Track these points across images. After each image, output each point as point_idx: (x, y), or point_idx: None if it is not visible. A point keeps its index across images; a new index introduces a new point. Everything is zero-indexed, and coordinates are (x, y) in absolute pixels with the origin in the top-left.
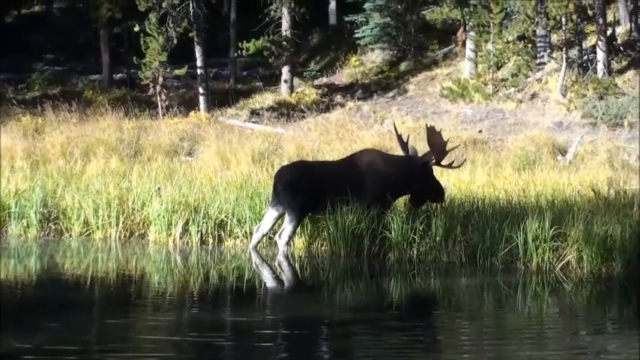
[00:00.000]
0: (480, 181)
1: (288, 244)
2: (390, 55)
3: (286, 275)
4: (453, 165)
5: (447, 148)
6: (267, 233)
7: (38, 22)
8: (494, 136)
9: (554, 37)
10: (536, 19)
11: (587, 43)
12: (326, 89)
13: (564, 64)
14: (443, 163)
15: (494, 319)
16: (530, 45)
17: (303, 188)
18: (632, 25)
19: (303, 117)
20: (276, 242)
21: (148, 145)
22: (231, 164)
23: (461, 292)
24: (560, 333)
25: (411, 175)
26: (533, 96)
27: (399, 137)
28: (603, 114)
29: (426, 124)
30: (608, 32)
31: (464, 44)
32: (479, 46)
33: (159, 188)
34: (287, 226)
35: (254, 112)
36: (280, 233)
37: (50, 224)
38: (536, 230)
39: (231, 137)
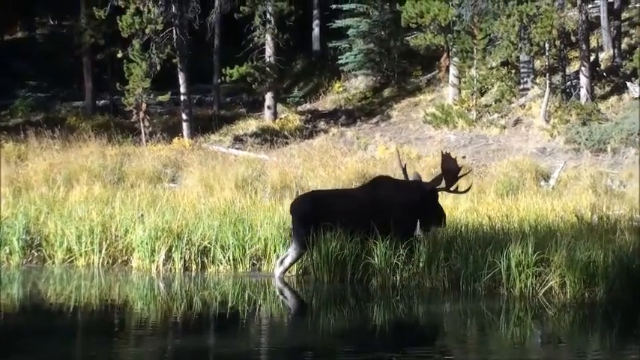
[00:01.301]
0: (464, 206)
1: (285, 271)
2: (373, 81)
3: (270, 302)
4: (460, 190)
5: (459, 175)
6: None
7: (21, 48)
8: (478, 161)
9: (538, 63)
10: (520, 45)
11: (571, 69)
12: (309, 115)
13: (547, 89)
14: (451, 188)
15: (478, 345)
16: (513, 71)
17: (310, 219)
18: (615, 50)
19: (287, 143)
20: (275, 265)
21: (131, 172)
22: (215, 191)
23: (444, 318)
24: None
25: (422, 200)
26: (517, 122)
27: (402, 164)
28: (586, 139)
29: (442, 151)
30: (592, 58)
31: (447, 70)
32: (462, 72)
33: (142, 215)
34: (290, 252)
35: (237, 139)
36: (282, 259)
37: (33, 251)
38: (519, 256)
39: (214, 163)
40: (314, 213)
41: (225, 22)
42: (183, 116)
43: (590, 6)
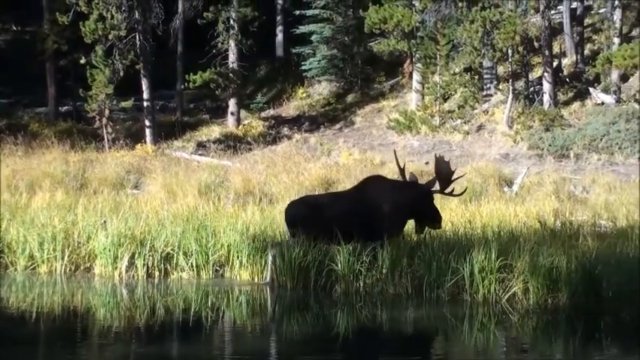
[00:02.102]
0: None
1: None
2: (337, 87)
3: (232, 309)
4: (454, 193)
5: (453, 178)
6: None
7: None
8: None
9: (501, 69)
10: (483, 51)
11: (534, 75)
12: (273, 121)
13: (511, 95)
14: (446, 191)
15: (441, 351)
16: (476, 77)
17: (303, 224)
18: (578, 56)
19: (250, 149)
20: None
21: (94, 178)
22: (178, 197)
23: (407, 324)
24: None
25: (418, 201)
26: (480, 127)
27: (400, 166)
28: (549, 145)
29: (435, 154)
30: (555, 64)
31: (410, 76)
32: (426, 78)
33: (105, 221)
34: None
35: (201, 145)
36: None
37: None
38: (482, 262)
39: (177, 170)
40: (302, 217)
41: (188, 27)
42: (146, 122)
43: (552, 12)
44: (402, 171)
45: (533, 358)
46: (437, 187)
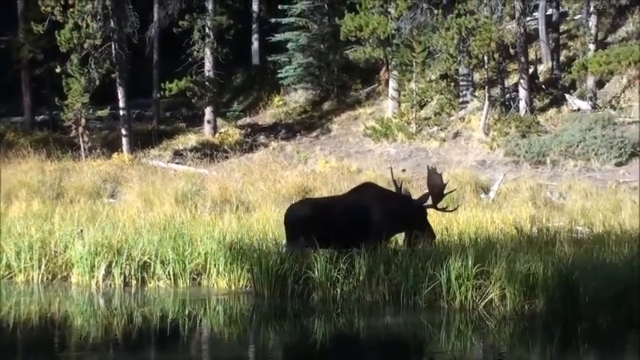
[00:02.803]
0: None
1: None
2: (313, 94)
3: (209, 318)
4: (447, 209)
5: (445, 192)
6: None
7: None
8: (418, 174)
9: (477, 76)
10: (459, 58)
11: (510, 82)
12: (249, 129)
13: (487, 102)
14: (438, 206)
15: (418, 358)
16: (452, 83)
17: (306, 225)
18: (554, 63)
19: (227, 157)
20: None
21: (70, 187)
22: (155, 205)
23: (384, 331)
24: None
25: (409, 214)
26: (457, 134)
27: (394, 181)
28: (526, 152)
29: (428, 166)
30: (530, 70)
31: (387, 83)
32: (402, 85)
33: (81, 230)
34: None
35: (177, 153)
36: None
37: None
38: (459, 268)
39: (154, 178)
40: (311, 218)
41: (164, 36)
42: (123, 131)
43: (528, 19)
44: (396, 185)
45: None
46: (429, 201)
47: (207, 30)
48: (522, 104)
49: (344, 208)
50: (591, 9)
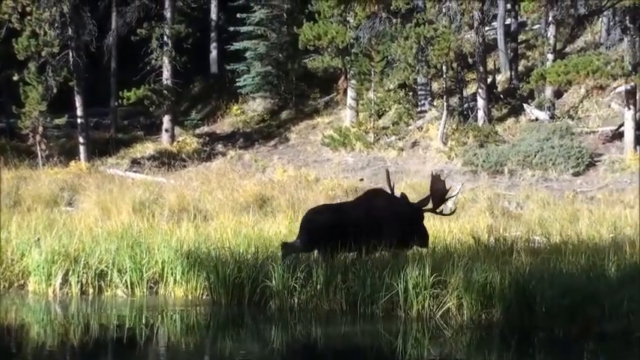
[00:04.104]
0: None
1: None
2: (271, 103)
3: (168, 325)
4: (445, 213)
5: (446, 197)
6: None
7: None
8: (376, 184)
9: (435, 85)
10: (417, 67)
11: (468, 91)
12: (207, 138)
13: (445, 111)
14: (437, 210)
15: None
16: (411, 93)
17: (313, 228)
18: (512, 73)
19: (185, 166)
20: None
21: (27, 196)
22: (112, 214)
23: (341, 340)
24: None
25: (409, 216)
26: (415, 144)
27: (390, 184)
28: (484, 161)
29: (432, 171)
30: (489, 80)
31: (345, 92)
32: (360, 95)
33: (38, 239)
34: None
35: (135, 162)
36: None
37: None
38: (416, 278)
39: (111, 187)
40: (313, 222)
41: (122, 44)
42: (81, 139)
43: (487, 28)
44: (392, 190)
45: None
46: (429, 205)
47: (165, 38)
48: (480, 114)
49: (358, 214)
50: (550, 19)
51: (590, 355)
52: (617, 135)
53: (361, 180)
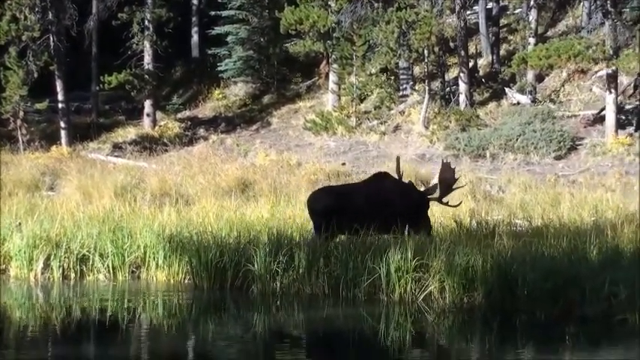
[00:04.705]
0: None
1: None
2: (253, 88)
3: (149, 309)
4: (450, 203)
5: (454, 187)
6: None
7: None
8: (358, 168)
9: (417, 70)
10: (399, 52)
11: (450, 75)
12: (189, 123)
13: (427, 96)
14: (443, 200)
15: (356, 350)
16: (393, 77)
17: (321, 209)
18: (494, 57)
19: (166, 150)
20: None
21: (8, 181)
22: (94, 199)
23: (323, 323)
24: None
25: (416, 202)
26: (396, 128)
27: (399, 172)
28: (466, 145)
29: (442, 160)
30: (470, 64)
31: (327, 77)
32: (342, 79)
33: (20, 223)
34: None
35: (116, 146)
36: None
37: None
38: (398, 261)
39: (93, 171)
40: (321, 203)
41: (103, 29)
42: (62, 124)
43: (468, 12)
44: (400, 177)
45: (449, 356)
46: (436, 193)
47: (146, 23)
48: (462, 98)
49: (363, 197)
50: (531, 3)
51: (571, 338)
52: (599, 119)
53: (343, 164)
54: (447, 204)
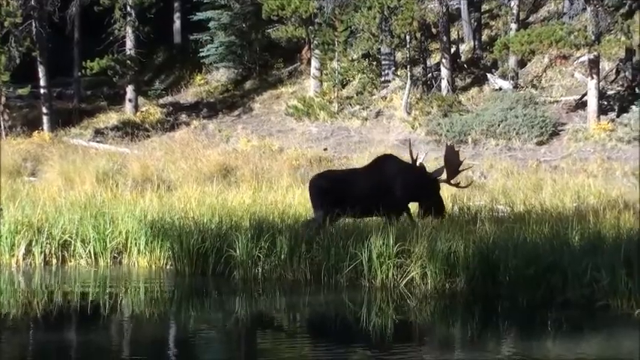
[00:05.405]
0: None
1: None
2: (235, 73)
3: (131, 295)
4: (460, 184)
5: (461, 168)
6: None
7: None
8: (340, 153)
9: (399, 55)
10: (381, 37)
11: (432, 61)
12: (171, 108)
13: (409, 81)
14: (452, 182)
15: (338, 336)
16: (375, 63)
17: (323, 193)
18: (476, 42)
19: (148, 136)
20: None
21: None
22: (76, 184)
23: (305, 309)
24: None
25: (425, 185)
26: (378, 114)
27: (411, 154)
28: (447, 131)
29: (447, 143)
30: (452, 50)
31: (309, 62)
32: (324, 65)
33: (1, 209)
34: (314, 217)
35: (98, 132)
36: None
37: None
38: (380, 247)
39: (75, 157)
40: (322, 186)
41: (85, 14)
42: (44, 110)
43: None
44: (414, 161)
45: (431, 342)
46: (444, 176)
47: (128, 8)
48: (444, 83)
49: (366, 179)
50: None
51: (553, 324)
52: (581, 104)
53: (325, 150)
54: (457, 185)
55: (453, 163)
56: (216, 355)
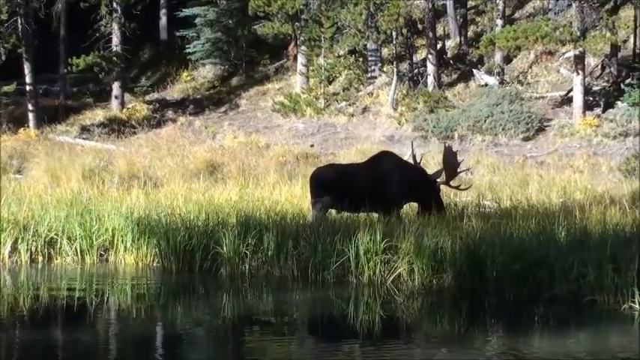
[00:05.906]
0: None
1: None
2: (221, 70)
3: (118, 292)
4: (460, 187)
5: (459, 170)
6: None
7: None
8: (326, 150)
9: (385, 51)
10: (367, 34)
11: (418, 57)
12: (157, 105)
13: (395, 77)
14: (451, 183)
15: (323, 332)
16: (361, 59)
17: (326, 183)
18: (462, 38)
19: (135, 133)
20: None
21: None
22: (61, 181)
23: (292, 306)
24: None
25: (424, 185)
26: (365, 110)
27: (414, 154)
28: (434, 127)
29: (444, 144)
30: (439, 46)
31: (295, 59)
32: (310, 61)
33: None
34: (312, 210)
35: (84, 129)
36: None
37: None
38: (367, 243)
39: (61, 154)
40: (322, 179)
41: (71, 11)
42: (30, 107)
43: None
44: (415, 161)
45: (418, 338)
46: (442, 178)
47: (114, 5)
48: (430, 79)
49: (365, 174)
50: None
51: (540, 319)
52: (566, 100)
53: (312, 146)
54: (457, 188)
55: (450, 165)
56: (203, 353)
